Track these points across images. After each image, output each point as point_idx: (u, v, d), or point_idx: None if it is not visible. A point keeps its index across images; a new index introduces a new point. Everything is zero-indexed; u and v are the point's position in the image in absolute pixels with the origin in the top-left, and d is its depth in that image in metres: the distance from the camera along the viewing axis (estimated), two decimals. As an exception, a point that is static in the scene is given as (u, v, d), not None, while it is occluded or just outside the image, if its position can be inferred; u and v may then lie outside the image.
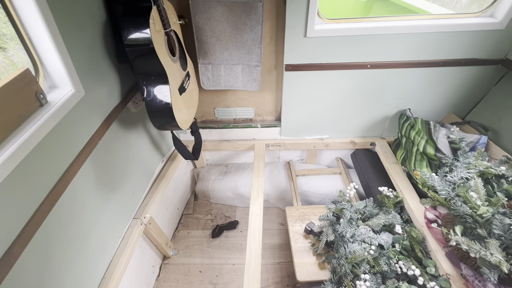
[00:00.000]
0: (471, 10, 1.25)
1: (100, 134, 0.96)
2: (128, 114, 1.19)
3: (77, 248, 0.88)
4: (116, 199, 1.11)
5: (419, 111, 1.50)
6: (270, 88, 1.49)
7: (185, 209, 1.84)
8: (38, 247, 0.72)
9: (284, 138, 1.69)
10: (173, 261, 1.56)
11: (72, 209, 0.85)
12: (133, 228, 1.20)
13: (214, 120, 1.66)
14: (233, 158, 1.90)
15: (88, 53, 0.88)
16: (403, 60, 1.30)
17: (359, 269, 1.06)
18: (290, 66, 1.32)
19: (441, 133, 1.23)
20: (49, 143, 0.74)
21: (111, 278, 1.03)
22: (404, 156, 1.39)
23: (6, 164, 0.59)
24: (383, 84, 1.40)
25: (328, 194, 1.67)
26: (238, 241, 1.64)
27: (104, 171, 1.02)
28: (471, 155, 1.15)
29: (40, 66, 0.75)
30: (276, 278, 1.46)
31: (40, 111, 0.71)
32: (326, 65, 1.31)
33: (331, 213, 1.27)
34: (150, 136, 1.40)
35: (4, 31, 0.79)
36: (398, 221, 1.19)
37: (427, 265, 1.05)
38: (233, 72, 1.33)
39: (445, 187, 1.10)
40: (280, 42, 1.30)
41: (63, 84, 0.79)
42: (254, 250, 1.13)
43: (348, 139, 1.67)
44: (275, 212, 1.79)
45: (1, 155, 0.59)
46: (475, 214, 0.95)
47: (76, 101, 0.81)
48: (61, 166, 0.80)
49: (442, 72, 1.34)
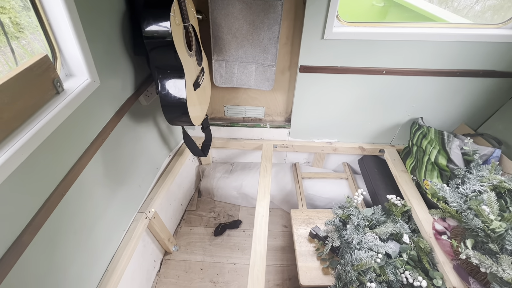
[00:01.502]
0: (485, 18, 1.22)
1: (112, 126, 0.95)
2: (139, 107, 1.18)
3: (82, 240, 0.87)
4: (123, 192, 1.10)
5: (431, 120, 1.48)
6: (282, 89, 1.48)
7: (188, 206, 1.83)
8: (46, 236, 0.71)
9: (293, 139, 1.67)
10: (174, 257, 1.55)
11: (80, 200, 0.84)
12: (137, 221, 1.19)
13: (224, 117, 1.64)
14: (240, 157, 1.89)
15: (106, 42, 0.87)
16: (420, 68, 1.29)
17: (365, 277, 1.04)
18: (305, 68, 1.30)
19: (454, 144, 1.21)
20: (63, 131, 0.73)
21: (114, 271, 1.02)
22: (414, 165, 1.37)
23: (22, 151, 0.58)
24: (397, 91, 1.38)
25: (334, 198, 1.65)
26: (240, 241, 1.63)
27: (113, 163, 1.01)
28: (484, 168, 1.13)
29: (58, 53, 0.74)
30: (277, 280, 1.45)
31: (56, 99, 0.70)
32: (341, 69, 1.30)
33: (338, 218, 1.26)
34: (159, 130, 1.39)
35: (18, 20, 0.79)
36: (406, 230, 1.17)
37: (434, 277, 1.04)
38: (246, 70, 1.31)
39: (456, 199, 1.08)
40: (296, 42, 1.28)
41: (79, 72, 0.78)
42: (259, 251, 1.12)
43: (357, 144, 1.66)
44: (279, 214, 1.78)
45: (17, 141, 0.58)
46: (487, 228, 0.94)
47: (91, 91, 0.80)
48: (73, 156, 0.79)
49: (458, 82, 1.33)
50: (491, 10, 1.88)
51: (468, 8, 2.00)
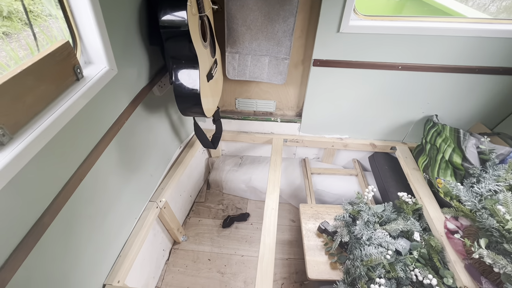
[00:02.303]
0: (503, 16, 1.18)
1: (127, 115, 0.97)
2: (153, 97, 1.19)
3: (96, 225, 0.89)
4: (135, 181, 1.12)
5: (446, 118, 1.45)
6: (295, 83, 1.47)
7: (197, 197, 1.85)
8: (64, 220, 0.73)
9: (303, 134, 1.67)
10: (183, 247, 1.57)
11: (96, 185, 0.86)
12: (149, 210, 1.21)
13: (234, 110, 1.65)
14: (249, 150, 1.89)
15: (124, 31, 0.88)
16: (436, 64, 1.26)
17: (374, 272, 1.04)
18: (319, 62, 1.29)
19: (470, 142, 1.19)
20: (82, 118, 0.74)
21: (126, 256, 1.05)
22: (427, 163, 1.35)
23: (44, 134, 0.59)
24: (412, 87, 1.35)
25: (343, 195, 1.64)
26: (248, 233, 1.64)
27: (127, 152, 1.03)
28: (501, 167, 1.11)
29: (79, 40, 0.75)
30: (284, 273, 1.46)
31: (76, 85, 0.71)
32: (356, 63, 1.28)
33: (348, 214, 1.25)
34: (171, 121, 1.40)
35: (31, 7, 0.80)
36: (417, 228, 1.16)
37: (445, 276, 1.03)
38: (259, 64, 1.31)
39: (471, 198, 1.06)
40: (310, 36, 1.27)
41: (98, 60, 0.79)
42: (268, 244, 1.12)
43: (368, 141, 1.64)
44: (287, 208, 1.79)
45: (39, 125, 0.60)
46: (503, 228, 0.92)
47: (109, 78, 0.81)
48: (90, 142, 0.80)
49: (476, 79, 1.29)
50: (508, 10, 1.82)
51: (485, 7, 1.94)
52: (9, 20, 0.81)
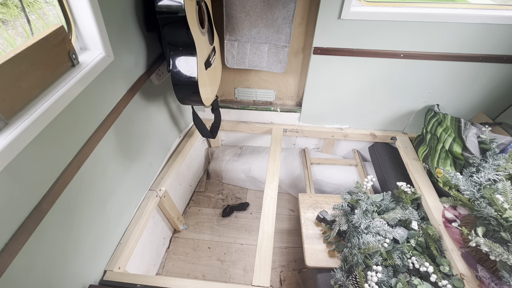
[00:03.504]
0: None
1: (125, 102, 0.96)
2: (151, 86, 1.18)
3: (96, 212, 0.90)
4: (134, 169, 1.12)
5: (447, 107, 1.44)
6: (295, 71, 1.45)
7: (197, 187, 1.86)
8: (63, 206, 0.73)
9: (303, 124, 1.66)
10: (183, 235, 1.59)
11: (94, 174, 0.86)
12: (148, 199, 1.22)
13: (234, 100, 1.63)
14: (249, 140, 1.89)
15: (120, 17, 0.86)
16: (440, 51, 1.23)
17: (371, 260, 1.05)
18: (319, 49, 1.26)
19: (471, 132, 1.18)
20: (78, 104, 0.74)
21: (126, 244, 1.06)
22: (427, 153, 1.35)
23: (40, 120, 0.59)
24: (414, 76, 1.33)
25: (342, 185, 1.65)
26: (247, 222, 1.66)
27: (125, 140, 1.03)
28: (501, 157, 1.10)
29: (73, 25, 0.73)
30: (283, 261, 1.48)
31: (72, 71, 0.70)
32: (357, 51, 1.25)
33: (346, 203, 1.26)
34: (169, 110, 1.39)
35: None
36: (415, 217, 1.17)
37: (441, 264, 1.04)
38: (259, 52, 1.29)
39: (470, 187, 1.06)
40: (311, 22, 1.24)
41: (94, 46, 0.78)
42: (267, 232, 1.13)
43: (368, 131, 1.63)
44: (286, 198, 1.79)
45: (35, 111, 0.59)
46: (500, 217, 0.92)
47: (105, 65, 0.80)
48: (88, 129, 0.80)
49: (479, 68, 1.27)
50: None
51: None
52: (5, 7, 0.80)
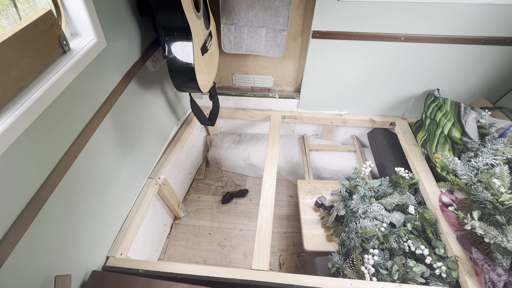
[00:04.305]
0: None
1: (120, 90, 0.94)
2: (146, 73, 1.16)
3: (96, 201, 0.91)
4: (133, 158, 1.12)
5: (448, 92, 1.42)
6: (293, 56, 1.42)
7: (196, 174, 1.86)
8: (62, 195, 0.74)
9: (302, 111, 1.64)
10: (183, 222, 1.62)
11: (92, 162, 0.86)
12: (148, 187, 1.23)
13: (232, 86, 1.61)
14: (247, 127, 1.88)
15: (111, 0, 0.83)
16: (441, 34, 1.20)
17: (368, 244, 1.07)
18: (318, 33, 1.23)
19: (470, 116, 1.17)
20: (72, 92, 0.72)
21: (127, 231, 1.08)
22: (426, 138, 1.34)
23: (33, 109, 0.58)
24: (415, 60, 1.31)
25: (341, 171, 1.65)
26: (247, 209, 1.68)
27: (122, 129, 1.02)
28: (500, 141, 1.10)
29: (63, 10, 0.71)
30: (282, 246, 1.51)
31: (64, 58, 0.68)
32: (357, 34, 1.22)
33: (344, 189, 1.27)
34: (166, 98, 1.37)
35: None
36: (412, 202, 1.18)
37: (436, 246, 1.06)
38: (256, 36, 1.25)
39: (467, 172, 1.07)
40: (310, 5, 1.20)
41: (85, 32, 0.76)
42: (266, 217, 1.15)
43: (367, 117, 1.62)
44: (285, 185, 1.81)
45: (27, 99, 0.58)
46: (496, 201, 0.93)
47: (98, 51, 0.78)
48: (83, 118, 0.79)
49: (481, 51, 1.24)
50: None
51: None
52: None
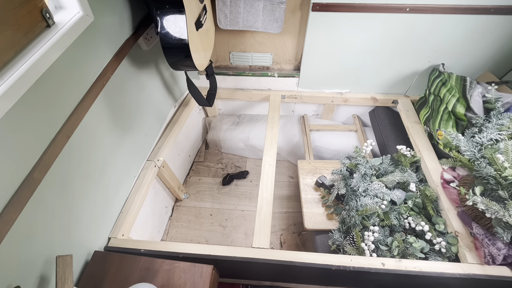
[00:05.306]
0: None
1: (112, 68, 0.91)
2: (140, 52, 1.12)
3: (94, 183, 0.90)
4: (130, 140, 1.10)
5: (453, 67, 1.37)
6: (292, 32, 1.36)
7: (196, 157, 1.85)
8: (57, 176, 0.72)
9: (302, 90, 1.60)
10: (184, 203, 1.62)
11: (87, 143, 0.84)
12: (147, 169, 1.22)
13: (229, 66, 1.56)
14: (246, 108, 1.84)
15: (95, -30, 0.78)
16: (448, 3, 1.13)
17: (368, 221, 1.07)
18: (318, 5, 1.17)
19: (476, 91, 1.13)
20: (59, 70, 0.69)
21: (128, 213, 1.08)
22: (429, 115, 1.31)
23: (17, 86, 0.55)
24: (420, 33, 1.25)
25: (342, 151, 1.63)
26: (247, 190, 1.68)
27: (117, 110, 0.99)
28: (505, 116, 1.07)
29: (43, -21, 0.66)
30: (283, 225, 1.53)
31: (48, 33, 0.64)
32: (359, 6, 1.16)
33: (345, 168, 1.26)
34: (162, 78, 1.33)
35: None
36: (414, 179, 1.17)
37: (437, 223, 1.06)
38: (253, 9, 1.19)
39: (470, 148, 1.05)
40: (309, -26, 1.13)
41: (69, 4, 0.71)
42: (266, 197, 1.15)
43: (369, 95, 1.58)
44: (286, 166, 1.80)
45: (9, 76, 0.55)
46: (499, 176, 0.92)
47: (85, 26, 0.73)
48: (74, 97, 0.76)
49: (490, 21, 1.18)
50: None
51: None
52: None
